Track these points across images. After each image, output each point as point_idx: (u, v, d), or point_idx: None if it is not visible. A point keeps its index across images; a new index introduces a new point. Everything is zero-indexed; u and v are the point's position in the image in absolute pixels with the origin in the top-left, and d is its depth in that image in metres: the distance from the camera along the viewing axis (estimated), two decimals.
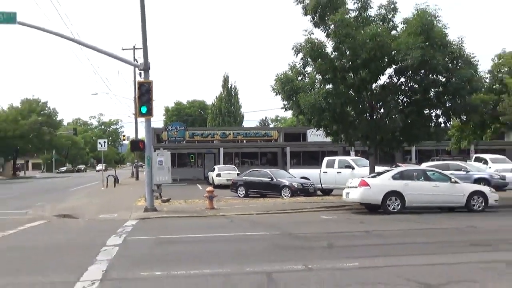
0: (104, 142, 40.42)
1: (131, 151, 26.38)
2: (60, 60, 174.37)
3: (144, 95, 19.04)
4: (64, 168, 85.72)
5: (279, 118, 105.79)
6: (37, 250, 11.20)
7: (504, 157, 37.14)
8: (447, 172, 20.85)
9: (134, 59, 40.87)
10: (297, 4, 20.73)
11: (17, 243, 12.19)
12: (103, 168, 47.69)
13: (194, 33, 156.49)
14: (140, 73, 20.46)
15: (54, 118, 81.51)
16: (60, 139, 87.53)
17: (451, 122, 23.39)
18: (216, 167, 39.28)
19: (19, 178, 70.24)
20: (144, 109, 19.08)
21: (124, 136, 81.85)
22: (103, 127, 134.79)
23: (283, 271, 8.41)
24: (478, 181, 24.37)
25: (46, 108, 78.45)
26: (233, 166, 40.56)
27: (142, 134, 47.86)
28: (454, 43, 19.97)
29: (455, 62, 19.94)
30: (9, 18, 19.00)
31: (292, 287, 7.34)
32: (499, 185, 25.76)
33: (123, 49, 50.55)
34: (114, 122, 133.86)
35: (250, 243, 11.71)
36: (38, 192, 34.60)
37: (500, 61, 23.87)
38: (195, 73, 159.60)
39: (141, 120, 25.52)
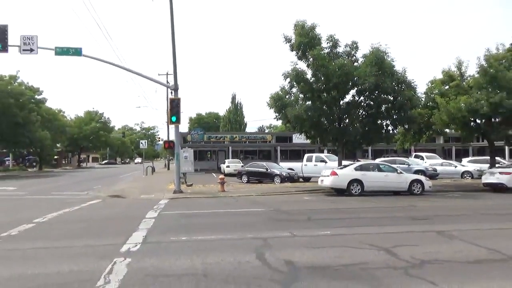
0: (145, 142, 40.39)
1: (164, 148, 26.16)
2: (113, 80, 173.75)
3: (174, 108, 18.97)
4: (105, 161, 78.40)
5: (272, 125, 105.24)
6: (95, 221, 11.13)
7: (436, 154, 37.16)
8: (394, 165, 20.81)
9: (167, 82, 40.74)
10: (286, 43, 20.65)
11: (80, 216, 12.12)
12: (141, 161, 47.29)
13: (213, 61, 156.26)
14: (172, 92, 20.26)
15: (108, 124, 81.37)
16: (113, 140, 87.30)
17: (397, 130, 23.29)
18: (226, 160, 39.18)
19: (82, 168, 70.08)
20: (174, 118, 19.01)
21: (159, 138, 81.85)
22: (144, 131, 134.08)
23: (275, 237, 8.35)
24: (417, 172, 24.32)
25: (103, 117, 78.35)
26: (239, 160, 40.41)
27: (172, 137, 47.82)
28: (399, 72, 19.89)
29: (400, 85, 19.85)
30: (77, 52, 18.92)
31: (282, 248, 7.26)
32: (432, 175, 25.78)
33: (159, 75, 51.32)
34: (152, 128, 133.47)
35: (250, 217, 11.65)
36: (96, 179, 34.48)
37: (432, 85, 23.69)
38: (212, 91, 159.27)
39: (172, 127, 25.39)
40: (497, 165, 22.92)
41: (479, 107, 19.76)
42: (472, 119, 21.94)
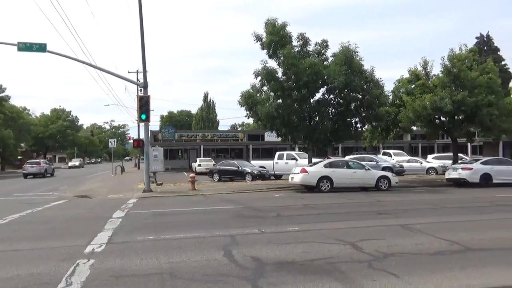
0: (114, 141, 39.36)
1: (134, 147, 25.63)
2: (81, 79, 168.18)
3: (143, 106, 18.62)
4: (76, 163, 67.94)
5: (244, 123, 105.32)
6: (58, 222, 10.77)
7: (403, 152, 38.29)
8: (363, 162, 21.25)
9: (137, 79, 39.88)
10: (257, 42, 20.67)
11: (43, 217, 11.71)
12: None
13: (185, 59, 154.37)
14: (141, 90, 19.87)
15: (76, 123, 79.09)
16: (80, 139, 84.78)
17: (366, 127, 23.82)
18: (198, 159, 38.87)
19: None
20: (143, 116, 18.67)
21: (129, 137, 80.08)
22: (113, 130, 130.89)
23: (243, 234, 8.35)
24: (385, 168, 24.97)
25: (70, 116, 75.99)
26: (210, 158, 40.19)
27: (143, 135, 46.96)
28: (367, 71, 20.24)
29: (368, 84, 20.21)
30: (41, 47, 18.26)
31: (249, 245, 7.27)
32: (399, 172, 26.53)
33: (129, 72, 49.62)
34: (122, 126, 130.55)
35: (219, 214, 11.60)
36: (63, 179, 33.40)
37: (399, 84, 24.37)
38: (184, 90, 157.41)
39: (142, 125, 24.87)
40: (459, 161, 23.87)
41: (443, 105, 20.51)
42: (437, 116, 22.78)
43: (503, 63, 52.76)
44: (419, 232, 8.36)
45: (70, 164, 69.14)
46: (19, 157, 63.64)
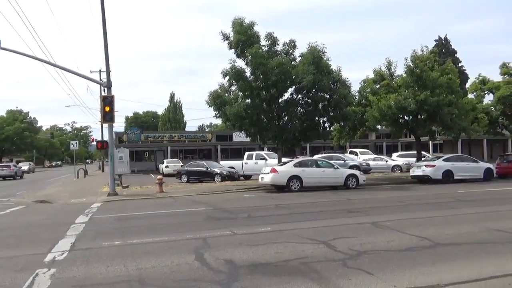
0: (76, 143, 37.83)
1: (97, 149, 24.65)
2: (40, 78, 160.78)
3: (107, 106, 17.92)
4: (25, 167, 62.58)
5: (213, 124, 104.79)
6: (16, 229, 10.10)
7: (369, 150, 39.23)
8: (331, 161, 21.49)
9: (100, 79, 38.58)
10: (224, 41, 20.49)
11: None
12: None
13: (151, 59, 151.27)
14: (104, 89, 19.14)
15: (35, 125, 75.60)
16: (40, 142, 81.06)
17: (333, 126, 24.14)
18: (165, 160, 38.07)
19: None
20: (107, 117, 17.98)
21: (92, 138, 77.42)
22: (76, 132, 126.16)
23: (214, 236, 8.13)
24: (352, 167, 25.34)
25: (28, 117, 72.50)
26: (178, 159, 39.47)
27: (107, 137, 45.59)
28: (335, 71, 20.47)
29: (336, 84, 20.45)
30: None
31: (222, 247, 7.06)
32: (366, 170, 27.07)
33: (91, 72, 47.79)
34: (85, 128, 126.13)
35: (189, 217, 11.30)
36: (21, 184, 31.70)
37: (365, 84, 24.90)
38: (150, 90, 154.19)
39: (106, 126, 23.94)
40: (423, 159, 24.67)
41: (407, 104, 21.12)
42: (401, 115, 23.43)
43: (460, 64, 55.30)
44: (390, 229, 8.45)
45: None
46: None
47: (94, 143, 78.84)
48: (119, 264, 6.15)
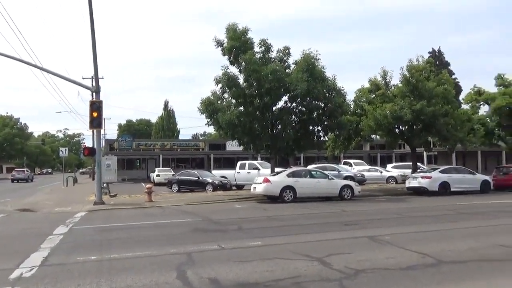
0: (65, 149, 37.01)
1: (84, 155, 23.89)
2: (31, 84, 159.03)
3: (95, 111, 17.34)
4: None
5: (206, 133, 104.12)
6: None
7: (363, 161, 38.80)
8: (325, 172, 21.00)
9: (92, 85, 37.98)
10: (218, 47, 20.09)
11: None
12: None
13: (145, 66, 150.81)
14: (93, 94, 18.59)
15: (25, 131, 74.50)
16: (30, 148, 79.85)
17: (328, 136, 23.75)
18: (156, 169, 37.34)
19: None
20: (94, 123, 17.40)
21: (84, 145, 76.34)
22: (68, 139, 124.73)
23: (200, 251, 7.54)
24: (347, 178, 24.77)
25: (18, 123, 71.47)
26: (170, 168, 38.75)
27: None
28: (330, 78, 20.10)
29: (330, 92, 20.04)
30: None
31: (207, 264, 6.48)
32: (360, 181, 26.48)
33: (83, 78, 47.01)
34: (77, 135, 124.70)
35: (176, 228, 10.66)
36: (7, 191, 30.76)
37: (360, 93, 24.58)
38: (144, 98, 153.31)
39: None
40: (418, 170, 24.27)
41: (403, 114, 20.77)
42: (396, 125, 23.07)
43: (453, 76, 55.50)
44: (388, 244, 7.93)
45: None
46: None
47: None
48: (92, 283, 5.55)
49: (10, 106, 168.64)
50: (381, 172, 31.22)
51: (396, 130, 23.64)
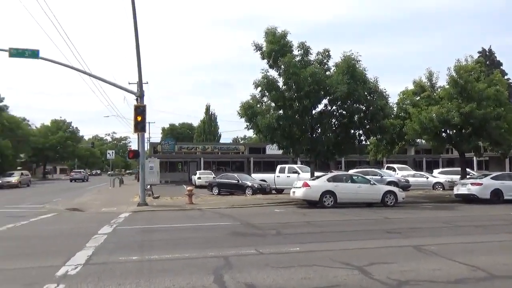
0: (112, 152, 38.73)
1: (129, 158, 24.75)
2: (81, 90, 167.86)
3: (139, 115, 17.92)
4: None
5: (247, 137, 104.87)
6: (37, 238, 9.90)
7: (407, 166, 37.36)
8: (367, 177, 20.38)
9: (137, 90, 39.43)
10: (257, 51, 20.08)
11: (22, 232, 10.85)
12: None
13: (187, 71, 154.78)
14: (137, 99, 19.22)
15: (77, 134, 78.68)
16: (81, 150, 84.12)
17: (370, 140, 23.05)
18: (197, 172, 38.02)
19: (48, 180, 66.86)
20: (139, 126, 17.97)
21: (130, 148, 79.41)
22: (115, 142, 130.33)
23: (238, 255, 7.49)
24: (390, 183, 23.95)
25: (70, 127, 75.61)
26: (210, 171, 39.32)
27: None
28: (371, 81, 19.53)
29: (372, 95, 19.43)
30: (33, 54, 17.82)
31: (244, 268, 6.42)
32: (404, 186, 25.49)
33: (129, 83, 48.97)
34: (124, 138, 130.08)
35: (215, 232, 10.68)
36: (60, 191, 32.54)
37: (404, 96, 23.66)
38: (187, 102, 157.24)
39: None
40: (468, 176, 22.95)
41: (450, 117, 19.73)
42: (443, 129, 21.96)
43: (506, 77, 52.22)
44: (434, 254, 7.48)
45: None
46: (18, 168, 62.96)
47: None
48: (132, 283, 5.65)
49: (63, 111, 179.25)
50: (427, 178, 29.86)
51: (443, 134, 22.49)
